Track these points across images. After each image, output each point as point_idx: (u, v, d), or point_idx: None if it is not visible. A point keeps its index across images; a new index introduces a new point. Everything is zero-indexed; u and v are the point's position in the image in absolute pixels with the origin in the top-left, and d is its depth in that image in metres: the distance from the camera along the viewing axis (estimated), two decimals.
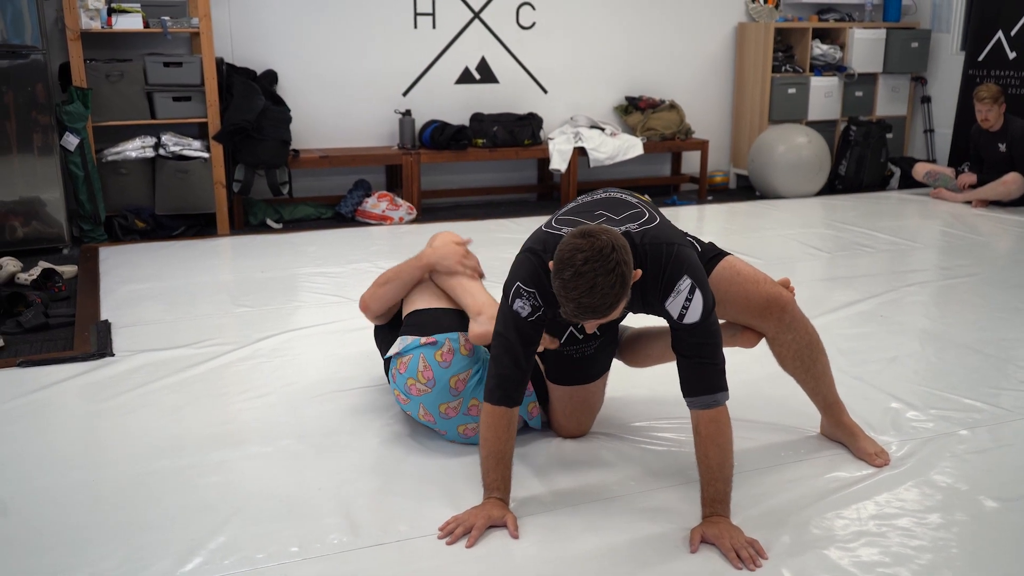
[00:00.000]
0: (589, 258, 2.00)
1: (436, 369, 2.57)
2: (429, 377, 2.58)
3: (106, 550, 2.17)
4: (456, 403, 2.61)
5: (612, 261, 2.01)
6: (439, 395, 2.59)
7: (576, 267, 2.01)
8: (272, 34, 6.09)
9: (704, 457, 2.20)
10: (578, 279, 2.01)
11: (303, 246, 5.29)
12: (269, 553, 2.16)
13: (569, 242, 2.05)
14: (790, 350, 2.57)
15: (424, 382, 2.59)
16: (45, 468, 2.58)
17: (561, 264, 2.04)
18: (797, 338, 2.55)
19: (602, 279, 2.00)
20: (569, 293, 2.04)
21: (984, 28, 7.10)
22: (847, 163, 7.26)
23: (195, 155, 5.54)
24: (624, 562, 2.14)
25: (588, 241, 2.02)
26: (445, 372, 2.57)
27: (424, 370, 2.58)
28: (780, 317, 2.52)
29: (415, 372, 2.59)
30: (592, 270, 2.00)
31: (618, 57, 7.08)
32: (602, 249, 2.01)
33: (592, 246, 2.01)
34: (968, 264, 4.90)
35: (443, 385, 2.58)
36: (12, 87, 4.96)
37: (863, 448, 2.65)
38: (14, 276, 4.50)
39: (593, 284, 2.01)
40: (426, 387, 2.59)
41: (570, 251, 2.03)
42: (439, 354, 2.58)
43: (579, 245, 2.02)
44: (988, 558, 2.17)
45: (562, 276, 2.03)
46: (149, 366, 3.37)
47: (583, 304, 2.04)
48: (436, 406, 2.61)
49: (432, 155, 6.27)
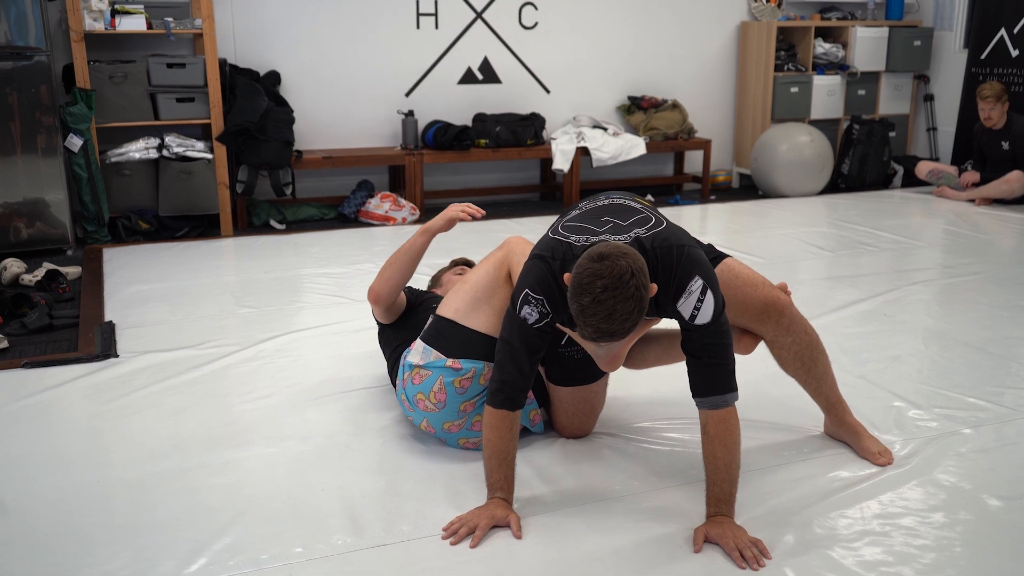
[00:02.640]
0: (608, 285, 1.98)
1: (450, 394, 2.54)
2: (441, 399, 2.55)
3: (111, 551, 2.17)
4: (461, 421, 2.60)
5: (631, 287, 2.00)
6: (446, 416, 2.58)
7: (595, 294, 1.99)
8: (275, 35, 6.10)
9: (712, 457, 2.21)
10: (597, 306, 2.00)
11: (306, 247, 5.29)
12: (273, 554, 2.16)
13: (587, 266, 2.02)
14: (790, 352, 2.58)
15: (435, 402, 2.56)
16: (50, 469, 2.59)
17: (580, 289, 2.02)
18: (796, 340, 2.57)
19: (621, 305, 1.99)
20: (588, 319, 2.02)
21: (987, 26, 7.09)
22: (850, 162, 7.26)
23: (198, 156, 5.55)
24: (628, 562, 2.14)
25: (606, 266, 1.99)
26: (458, 398, 2.55)
27: (438, 391, 2.55)
28: (778, 320, 2.53)
29: (428, 390, 2.56)
30: (611, 297, 1.98)
31: (620, 56, 7.08)
32: (621, 275, 1.99)
33: (611, 272, 1.99)
34: (971, 262, 4.90)
35: (453, 408, 2.56)
36: (16, 88, 4.97)
37: (867, 447, 2.65)
38: (18, 277, 4.51)
39: (612, 311, 2.00)
40: (435, 407, 2.57)
41: (589, 277, 2.00)
42: (459, 380, 2.53)
43: (598, 271, 1.99)
44: (992, 557, 2.17)
45: (580, 301, 2.02)
46: (153, 367, 3.38)
47: (601, 329, 2.03)
48: (440, 424, 2.61)
49: (435, 155, 6.28)
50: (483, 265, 2.62)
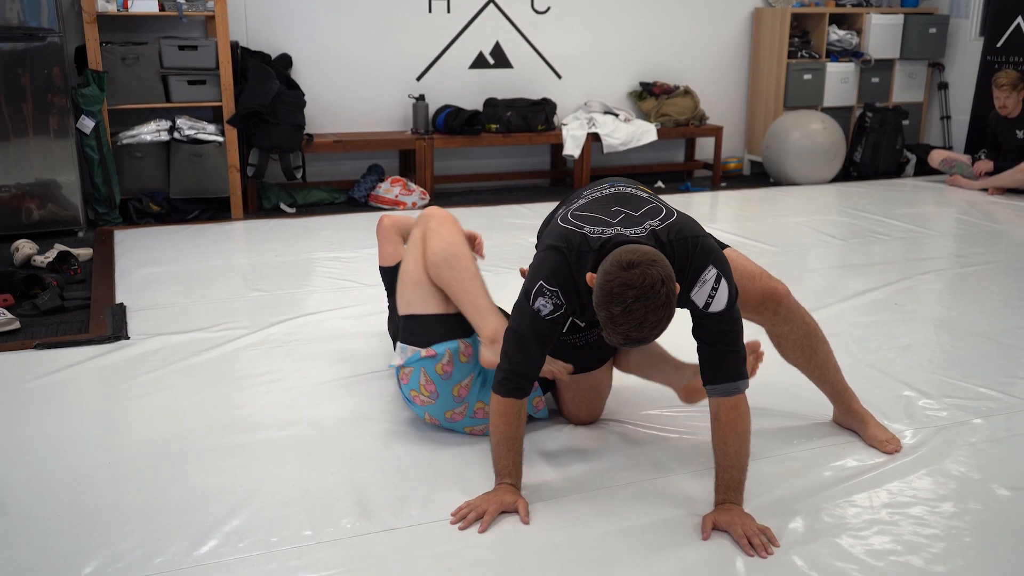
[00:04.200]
0: (640, 295, 1.97)
1: (438, 382, 2.56)
2: (432, 390, 2.57)
3: (121, 532, 2.19)
4: (461, 408, 2.61)
5: (662, 296, 1.98)
6: (443, 404, 2.59)
7: (627, 304, 1.98)
8: (287, 18, 6.09)
9: (722, 444, 2.21)
10: (628, 315, 1.99)
11: (317, 230, 5.30)
12: (283, 537, 2.18)
13: (617, 275, 1.99)
14: (789, 341, 2.61)
15: (427, 395, 2.58)
16: (61, 450, 2.61)
17: (610, 297, 2.00)
18: (795, 329, 2.59)
19: (652, 315, 1.99)
20: (618, 327, 2.02)
21: (1003, 14, 7.03)
22: (862, 150, 7.22)
23: (209, 139, 5.55)
24: (635, 548, 2.15)
25: (636, 275, 1.97)
26: (447, 383, 2.56)
27: (426, 384, 2.57)
28: (775, 310, 2.54)
29: (417, 385, 2.58)
30: (643, 307, 1.98)
31: (632, 42, 7.05)
32: (653, 285, 1.97)
33: (643, 282, 1.97)
34: (984, 252, 4.88)
35: (446, 395, 2.57)
36: (28, 70, 4.97)
37: (874, 435, 2.66)
38: (30, 258, 4.53)
39: (643, 320, 1.99)
40: (430, 399, 2.59)
41: (620, 286, 1.98)
42: (439, 367, 2.55)
43: (629, 280, 1.97)
44: (1001, 547, 2.17)
45: (610, 310, 2.00)
46: (164, 349, 3.39)
47: (631, 337, 2.03)
48: (442, 413, 2.62)
49: (445, 140, 6.27)
50: (410, 252, 2.67)
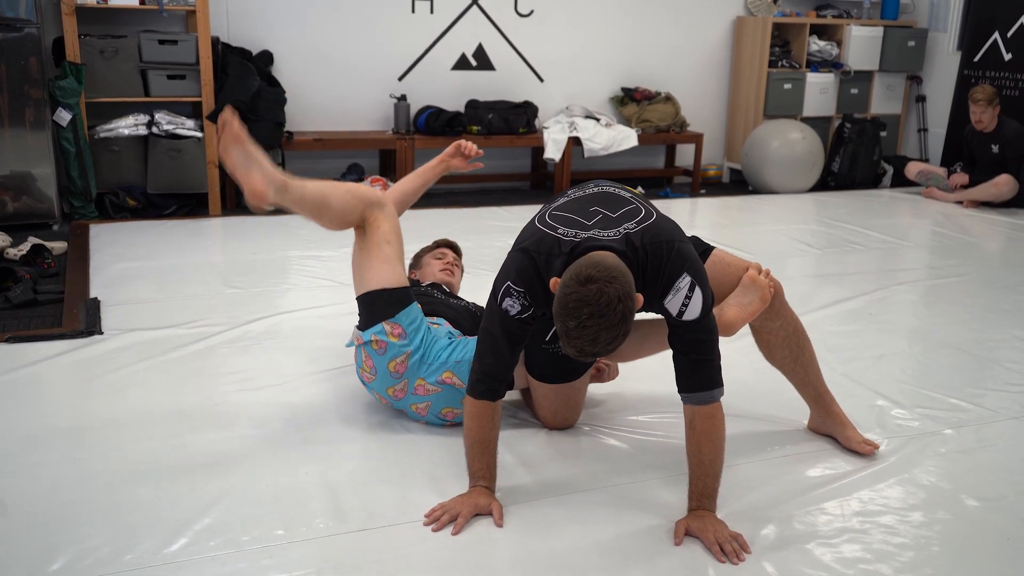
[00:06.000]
0: (595, 313, 1.95)
1: (375, 358, 2.68)
2: (371, 366, 2.70)
3: (92, 528, 2.16)
4: (401, 384, 2.69)
5: (618, 314, 1.97)
6: (383, 380, 2.70)
7: (581, 320, 1.96)
8: (269, 14, 6.06)
9: (696, 452, 2.21)
10: (582, 330, 1.98)
11: (295, 229, 5.27)
12: (254, 536, 2.16)
13: (574, 290, 1.98)
14: (778, 337, 2.62)
15: (368, 370, 2.72)
16: (31, 444, 2.58)
17: (566, 311, 1.98)
18: (784, 325, 2.61)
19: (606, 332, 1.98)
20: (572, 340, 2.01)
21: (981, 29, 7.11)
22: (840, 160, 7.28)
23: (188, 134, 5.51)
24: (608, 553, 2.15)
25: (593, 291, 1.95)
26: (382, 359, 2.67)
27: (366, 359, 2.71)
28: (771, 303, 2.55)
29: (361, 363, 2.74)
30: (597, 324, 1.96)
31: (615, 48, 7.07)
32: (609, 303, 1.95)
33: (599, 299, 1.95)
34: (957, 264, 4.93)
35: (383, 371, 2.68)
36: (5, 60, 4.92)
37: (852, 437, 2.69)
38: (3, 251, 4.48)
39: (596, 337, 1.98)
40: (371, 375, 2.72)
41: (576, 302, 1.97)
42: (374, 344, 2.67)
43: (585, 296, 1.96)
44: (969, 557, 2.19)
45: (566, 323, 1.99)
46: (138, 345, 3.36)
47: (585, 351, 2.03)
48: (384, 390, 2.72)
49: (426, 141, 6.26)
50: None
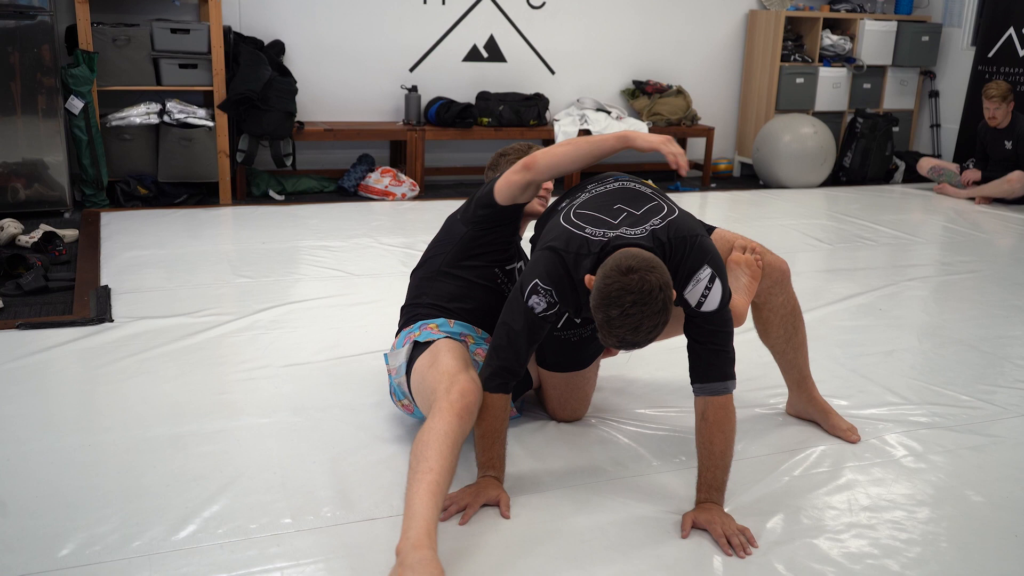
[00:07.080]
0: (637, 301, 1.99)
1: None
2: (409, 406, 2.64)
3: (101, 515, 2.18)
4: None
5: (659, 302, 2.01)
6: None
7: (624, 308, 2.00)
8: (280, 4, 6.06)
9: (708, 443, 2.22)
10: (625, 319, 2.01)
11: (305, 219, 5.28)
12: (262, 524, 2.17)
13: (616, 279, 2.01)
14: (777, 315, 2.64)
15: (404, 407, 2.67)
16: (41, 431, 2.59)
17: (608, 301, 2.02)
18: (787, 302, 2.63)
19: (648, 320, 2.01)
20: (614, 330, 2.04)
21: (995, 24, 7.07)
22: (852, 155, 7.25)
23: (199, 123, 5.52)
24: (615, 544, 2.15)
25: (634, 280, 1.99)
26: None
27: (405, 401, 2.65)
28: (778, 278, 2.59)
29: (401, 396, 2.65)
30: (639, 312, 2.00)
31: (627, 40, 7.05)
32: (651, 291, 1.99)
33: (641, 287, 1.99)
34: (969, 260, 4.90)
35: None
36: (18, 48, 4.93)
37: (836, 424, 2.72)
38: (15, 238, 4.50)
39: (639, 325, 2.01)
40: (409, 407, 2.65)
41: (618, 291, 2.00)
42: None
43: (627, 285, 2.00)
44: (976, 553, 2.19)
45: (608, 313, 2.02)
46: (148, 333, 3.37)
47: (627, 340, 2.05)
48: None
49: (437, 132, 6.25)
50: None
